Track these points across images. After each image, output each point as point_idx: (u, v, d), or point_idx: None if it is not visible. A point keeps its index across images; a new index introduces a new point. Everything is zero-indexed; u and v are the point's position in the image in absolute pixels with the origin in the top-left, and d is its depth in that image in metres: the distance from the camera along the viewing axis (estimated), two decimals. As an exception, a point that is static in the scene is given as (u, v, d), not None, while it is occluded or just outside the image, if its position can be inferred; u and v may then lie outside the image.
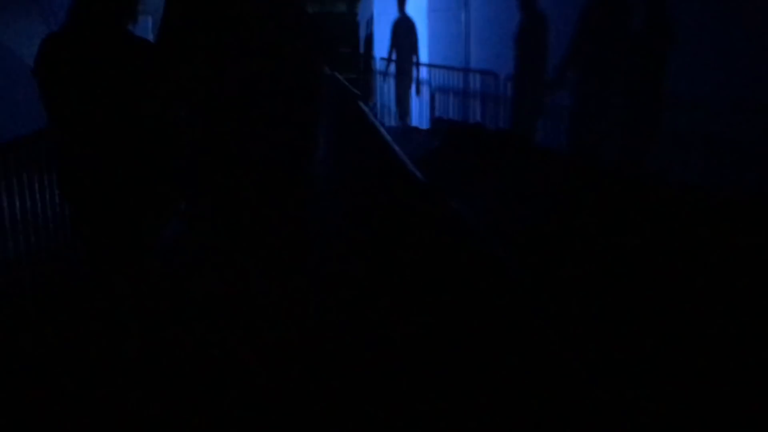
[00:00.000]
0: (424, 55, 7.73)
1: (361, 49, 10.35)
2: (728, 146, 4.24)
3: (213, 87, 2.15)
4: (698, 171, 4.43)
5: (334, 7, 11.66)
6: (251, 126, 2.17)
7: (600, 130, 4.99)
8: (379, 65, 9.07)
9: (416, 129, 7.41)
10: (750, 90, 4.10)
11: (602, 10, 4.76)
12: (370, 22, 10.50)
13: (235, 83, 2.15)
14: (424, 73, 7.67)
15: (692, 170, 4.44)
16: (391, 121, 8.74)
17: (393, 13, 8.72)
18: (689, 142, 4.47)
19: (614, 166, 4.91)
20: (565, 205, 4.32)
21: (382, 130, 2.56)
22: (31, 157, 3.25)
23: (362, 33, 10.47)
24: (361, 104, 3.13)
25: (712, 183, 4.23)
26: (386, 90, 8.90)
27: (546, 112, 5.68)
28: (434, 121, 7.20)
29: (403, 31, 7.87)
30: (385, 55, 8.50)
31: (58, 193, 3.18)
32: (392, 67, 8.16)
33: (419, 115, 7.89)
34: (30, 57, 5.82)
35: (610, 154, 4.96)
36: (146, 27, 8.41)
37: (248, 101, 2.15)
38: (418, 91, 7.90)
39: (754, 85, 4.10)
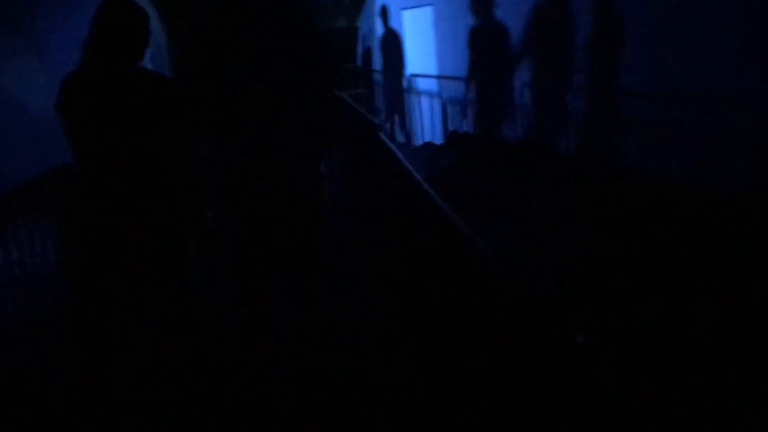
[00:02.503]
0: (432, 66, 7.43)
1: (359, 63, 10.12)
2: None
3: (230, 116, 2.26)
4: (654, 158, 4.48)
5: (335, 23, 11.47)
6: (267, 149, 2.27)
7: (557, 123, 5.25)
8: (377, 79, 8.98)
9: (430, 144, 7.09)
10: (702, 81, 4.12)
11: (553, 11, 5.01)
12: (367, 37, 10.26)
13: (251, 112, 2.25)
14: (433, 85, 7.36)
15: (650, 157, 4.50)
16: (402, 137, 8.43)
17: (393, 24, 8.47)
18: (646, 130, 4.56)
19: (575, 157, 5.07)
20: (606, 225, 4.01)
21: (419, 178, 2.23)
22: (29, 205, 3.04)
23: (362, 48, 10.22)
24: (384, 138, 2.80)
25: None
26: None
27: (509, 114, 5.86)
28: (449, 135, 6.87)
29: (388, 45, 7.83)
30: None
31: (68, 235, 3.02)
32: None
33: (431, 129, 7.57)
34: (27, 97, 5.57)
35: (568, 147, 5.19)
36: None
37: (264, 127, 2.26)
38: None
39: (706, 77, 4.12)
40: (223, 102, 2.25)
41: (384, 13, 7.77)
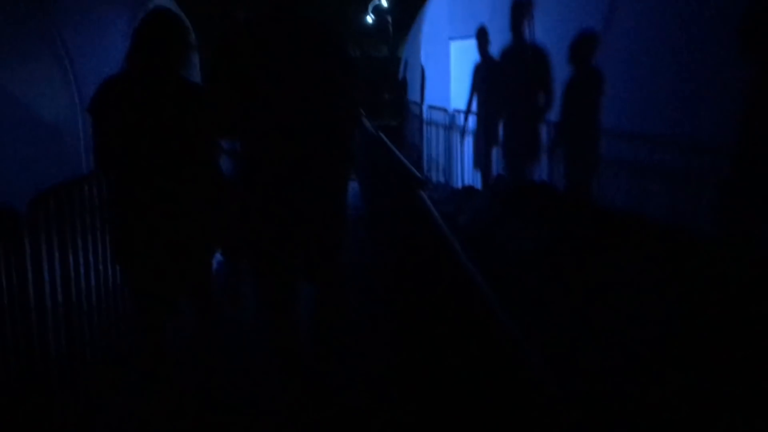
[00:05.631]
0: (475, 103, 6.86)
1: (404, 95, 9.68)
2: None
3: (257, 128, 2.35)
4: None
5: (377, 52, 11.02)
6: (297, 164, 2.35)
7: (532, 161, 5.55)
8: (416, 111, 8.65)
9: (471, 188, 6.47)
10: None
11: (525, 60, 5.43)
12: (406, 66, 9.78)
13: (278, 124, 2.33)
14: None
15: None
16: (439, 176, 7.85)
17: (439, 55, 8.01)
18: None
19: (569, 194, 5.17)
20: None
21: (471, 269, 1.65)
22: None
23: (406, 77, 9.76)
24: (427, 202, 2.26)
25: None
26: (433, 141, 8.06)
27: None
28: (494, 179, 6.25)
29: (417, 75, 7.75)
30: (428, 100, 8.14)
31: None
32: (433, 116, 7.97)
33: (473, 170, 6.95)
34: (45, 104, 5.28)
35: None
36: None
37: (293, 140, 2.34)
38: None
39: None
40: (253, 111, 2.32)
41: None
